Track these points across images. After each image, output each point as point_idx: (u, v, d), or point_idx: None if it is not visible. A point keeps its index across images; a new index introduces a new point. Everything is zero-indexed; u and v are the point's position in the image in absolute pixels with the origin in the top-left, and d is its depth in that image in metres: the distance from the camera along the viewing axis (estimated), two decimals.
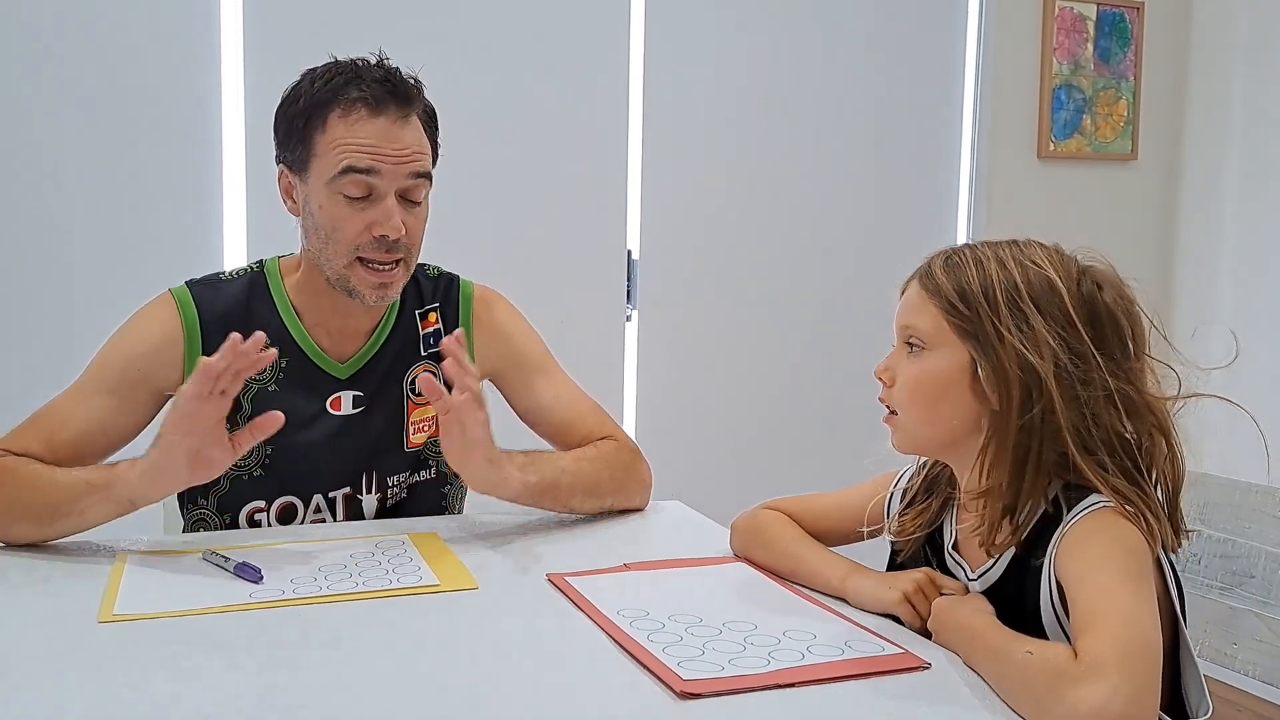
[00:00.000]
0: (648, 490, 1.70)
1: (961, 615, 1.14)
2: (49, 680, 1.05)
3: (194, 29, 2.57)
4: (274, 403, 1.55)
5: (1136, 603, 1.02)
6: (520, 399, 1.73)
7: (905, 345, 1.22)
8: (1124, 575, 1.05)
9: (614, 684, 1.06)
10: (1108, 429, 1.14)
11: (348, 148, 1.48)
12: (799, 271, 3.26)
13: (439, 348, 1.55)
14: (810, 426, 3.27)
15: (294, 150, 1.54)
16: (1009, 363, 1.13)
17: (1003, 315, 1.14)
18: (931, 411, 1.20)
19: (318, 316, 1.61)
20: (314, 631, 1.18)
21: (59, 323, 2.52)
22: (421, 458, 1.68)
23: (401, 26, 2.72)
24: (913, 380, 1.20)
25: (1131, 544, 1.09)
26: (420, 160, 1.53)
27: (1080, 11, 3.49)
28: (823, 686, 1.06)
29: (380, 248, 1.51)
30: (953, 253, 1.22)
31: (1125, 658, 0.95)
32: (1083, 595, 1.05)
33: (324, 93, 1.50)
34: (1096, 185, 3.59)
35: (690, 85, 3.08)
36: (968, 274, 1.18)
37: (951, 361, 1.18)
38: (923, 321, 1.20)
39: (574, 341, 1.80)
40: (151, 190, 2.56)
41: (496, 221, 2.85)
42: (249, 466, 1.58)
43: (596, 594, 1.28)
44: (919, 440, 1.24)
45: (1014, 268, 1.16)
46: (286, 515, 1.61)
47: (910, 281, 1.24)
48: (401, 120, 1.51)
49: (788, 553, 1.38)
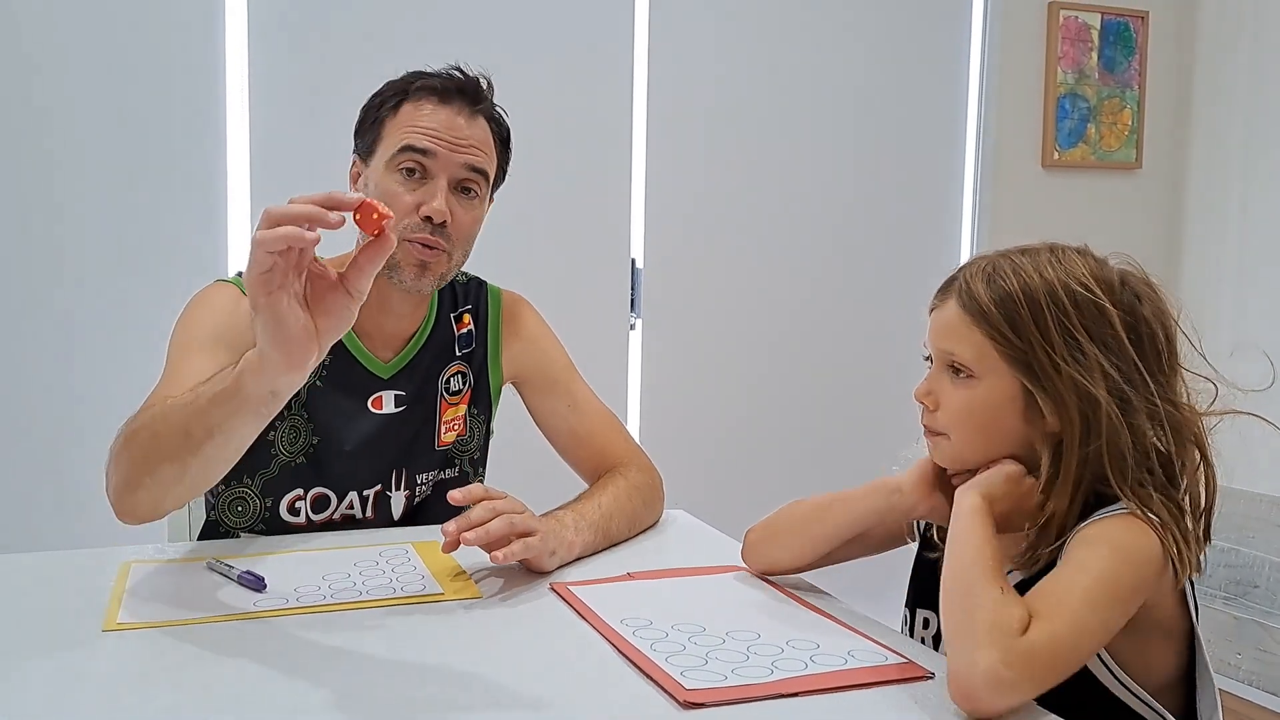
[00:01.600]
0: (663, 505, 1.72)
1: (965, 508, 1.13)
2: (53, 689, 1.05)
3: (198, 32, 2.58)
4: (320, 398, 1.60)
5: (1092, 614, 1.03)
6: (539, 407, 1.76)
7: (949, 369, 1.19)
8: (1102, 582, 1.05)
9: (617, 694, 1.06)
10: (1147, 445, 1.13)
11: (411, 129, 1.55)
12: (803, 280, 3.26)
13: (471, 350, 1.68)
14: (815, 435, 3.27)
15: (365, 137, 1.60)
16: (1066, 393, 1.12)
17: (1056, 344, 1.12)
18: (982, 438, 1.18)
19: (363, 316, 1.60)
20: (318, 640, 1.18)
21: (63, 326, 2.53)
22: (449, 456, 1.71)
23: (405, 36, 2.73)
24: (962, 409, 1.18)
25: (1132, 552, 1.07)
26: (478, 155, 1.57)
27: (1085, 20, 3.49)
28: (826, 696, 1.05)
29: (425, 229, 1.54)
30: (993, 270, 1.17)
31: (1048, 665, 0.99)
32: (1057, 578, 1.06)
33: (401, 85, 1.59)
34: (1101, 194, 3.59)
35: (694, 94, 3.08)
36: (1013, 297, 1.14)
37: (1002, 390, 1.16)
38: (968, 349, 1.17)
39: (578, 350, 1.81)
40: (157, 194, 2.57)
41: (500, 230, 2.83)
42: (295, 454, 1.61)
43: (600, 603, 1.28)
44: (966, 461, 1.21)
45: (1060, 288, 1.13)
46: (319, 505, 1.63)
47: (945, 299, 1.20)
48: (468, 115, 1.57)
49: (817, 504, 1.34)
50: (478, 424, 1.73)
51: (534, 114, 2.92)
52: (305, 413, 1.60)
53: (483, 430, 1.75)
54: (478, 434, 1.74)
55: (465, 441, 1.72)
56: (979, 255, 1.23)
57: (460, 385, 1.70)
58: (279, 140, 2.67)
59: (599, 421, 1.75)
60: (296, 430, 1.60)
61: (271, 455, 1.60)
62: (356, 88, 1.68)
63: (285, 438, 1.60)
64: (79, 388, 2.54)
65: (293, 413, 1.60)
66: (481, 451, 1.76)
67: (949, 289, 1.21)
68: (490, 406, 1.75)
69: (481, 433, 1.75)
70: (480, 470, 1.77)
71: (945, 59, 3.40)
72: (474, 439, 1.73)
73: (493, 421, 1.78)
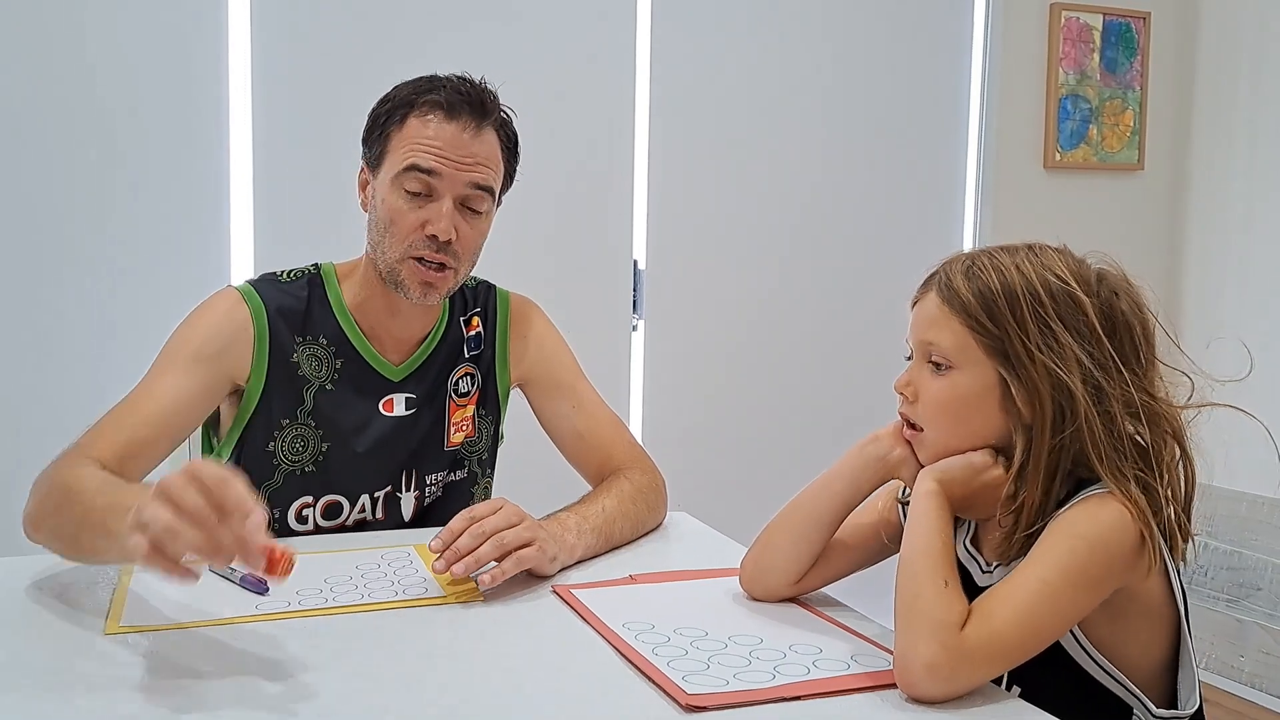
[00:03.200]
0: (666, 507, 1.72)
1: (920, 491, 1.17)
2: (56, 691, 1.05)
3: (202, 37, 2.58)
4: (331, 401, 1.61)
5: (1045, 605, 1.06)
6: (545, 409, 1.77)
7: (927, 361, 1.21)
8: (1063, 572, 1.07)
9: (619, 697, 1.06)
10: (1124, 436, 1.14)
11: (416, 147, 1.53)
12: (805, 282, 3.26)
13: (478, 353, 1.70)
14: (817, 437, 3.27)
15: (373, 147, 1.59)
16: (1040, 381, 1.14)
17: (1031, 333, 1.14)
18: (960, 429, 1.20)
19: (373, 320, 1.65)
20: (320, 643, 1.18)
21: (66, 329, 2.53)
22: (458, 457, 1.72)
23: (408, 41, 2.73)
24: (939, 399, 1.20)
25: (1102, 536, 1.09)
26: (483, 173, 1.56)
27: (1086, 21, 3.49)
28: (828, 701, 1.05)
29: (431, 247, 1.54)
30: (971, 264, 1.20)
31: (985, 660, 1.04)
32: (1014, 574, 1.10)
33: (408, 95, 1.57)
34: (1103, 195, 3.58)
35: (697, 95, 3.08)
36: (991, 288, 1.17)
37: (979, 380, 1.17)
38: (946, 339, 1.19)
39: (580, 351, 1.81)
40: (159, 198, 2.57)
41: (502, 230, 2.84)
42: (301, 462, 1.61)
43: (602, 606, 1.28)
44: (946, 453, 1.22)
45: (1036, 280, 1.16)
46: (331, 512, 1.64)
47: (926, 293, 1.22)
48: (474, 130, 1.55)
49: (801, 493, 1.34)
50: (486, 425, 1.74)
51: (536, 115, 2.91)
52: (313, 420, 1.61)
53: (490, 431, 1.75)
54: (486, 435, 1.74)
55: (474, 442, 1.73)
56: (959, 252, 1.25)
57: (469, 387, 1.71)
58: (282, 142, 2.67)
59: (604, 424, 1.75)
60: (304, 440, 1.61)
61: (274, 465, 1.61)
62: (360, 90, 1.68)
63: (289, 447, 1.61)
64: (83, 391, 2.54)
65: (298, 422, 1.60)
66: (490, 453, 1.77)
67: (929, 283, 1.23)
68: (498, 408, 1.76)
69: (489, 434, 1.75)
70: (489, 472, 1.78)
71: (946, 61, 3.40)
72: (482, 440, 1.74)
73: (502, 424, 1.78)
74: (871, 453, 1.28)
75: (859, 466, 1.29)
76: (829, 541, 1.33)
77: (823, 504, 1.32)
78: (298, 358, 1.60)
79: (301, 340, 1.61)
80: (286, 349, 1.60)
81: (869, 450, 1.28)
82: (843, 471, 1.31)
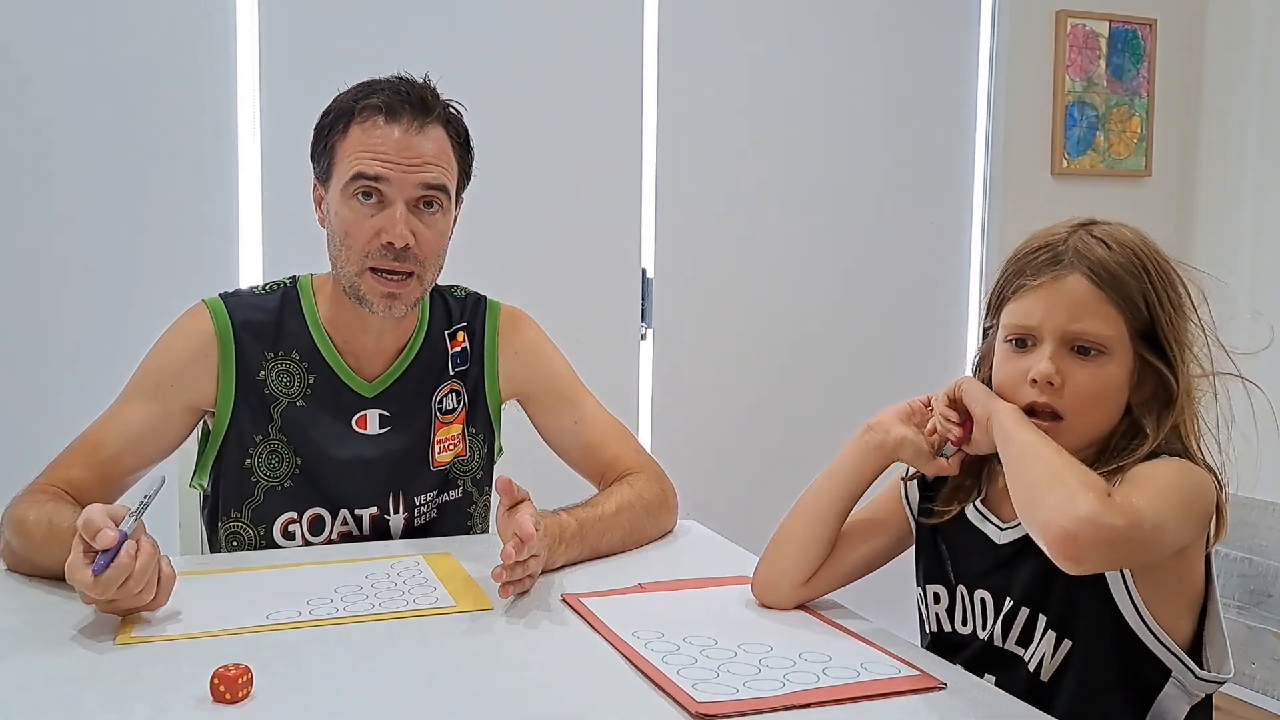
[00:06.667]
0: (676, 513, 1.70)
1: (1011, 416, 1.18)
2: (67, 702, 1.06)
3: (209, 42, 2.59)
4: (301, 418, 1.59)
5: (1171, 511, 1.08)
6: (545, 422, 1.74)
7: (1070, 348, 1.18)
8: (1179, 491, 1.10)
9: (629, 706, 1.06)
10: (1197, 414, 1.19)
11: (362, 154, 1.50)
12: (814, 288, 3.26)
13: (466, 369, 1.66)
14: (827, 446, 3.23)
15: (320, 160, 1.57)
16: (1180, 367, 1.17)
17: (1175, 321, 1.18)
18: (1106, 417, 1.20)
19: (346, 334, 1.62)
20: (332, 653, 1.18)
21: (73, 331, 2.54)
22: (450, 477, 1.68)
23: (414, 45, 2.74)
24: (1091, 389, 1.18)
25: (1200, 480, 1.12)
26: (433, 171, 1.52)
27: (1093, 28, 3.49)
28: (838, 708, 1.05)
29: (389, 256, 1.51)
30: (1113, 243, 1.20)
31: (1136, 527, 1.03)
32: (1139, 471, 1.12)
33: (347, 103, 1.53)
34: (1110, 202, 3.58)
35: (704, 103, 3.09)
36: (1136, 271, 1.18)
37: (1128, 366, 1.19)
38: (1105, 326, 1.17)
39: (588, 360, 1.80)
40: (168, 206, 2.58)
41: (510, 240, 2.86)
42: (280, 478, 1.60)
43: (611, 615, 1.28)
44: (1089, 441, 1.20)
45: (1157, 263, 1.20)
46: (315, 527, 1.62)
47: (1065, 274, 1.19)
48: (418, 129, 1.51)
49: (804, 494, 1.36)
50: (478, 444, 1.70)
51: (544, 123, 2.93)
52: (284, 436, 1.59)
53: (484, 450, 1.71)
54: (479, 453, 1.70)
55: (466, 461, 1.69)
56: (1049, 230, 1.25)
57: (454, 404, 1.67)
58: (290, 143, 2.66)
59: (608, 434, 1.72)
60: (277, 455, 1.59)
61: (254, 482, 1.59)
62: None
63: (265, 463, 1.59)
64: (91, 395, 2.54)
65: (270, 438, 1.59)
66: (485, 471, 1.73)
67: (1058, 262, 1.20)
68: (491, 425, 1.72)
69: (483, 452, 1.71)
70: (485, 490, 1.74)
71: (953, 68, 3.40)
72: (474, 458, 1.70)
73: (498, 441, 1.75)
74: (870, 440, 1.29)
75: (859, 455, 1.31)
76: (837, 536, 1.34)
77: (827, 497, 1.33)
78: (265, 375, 1.58)
79: (272, 355, 1.59)
80: (253, 366, 1.58)
81: (867, 439, 1.30)
82: (844, 463, 1.32)
